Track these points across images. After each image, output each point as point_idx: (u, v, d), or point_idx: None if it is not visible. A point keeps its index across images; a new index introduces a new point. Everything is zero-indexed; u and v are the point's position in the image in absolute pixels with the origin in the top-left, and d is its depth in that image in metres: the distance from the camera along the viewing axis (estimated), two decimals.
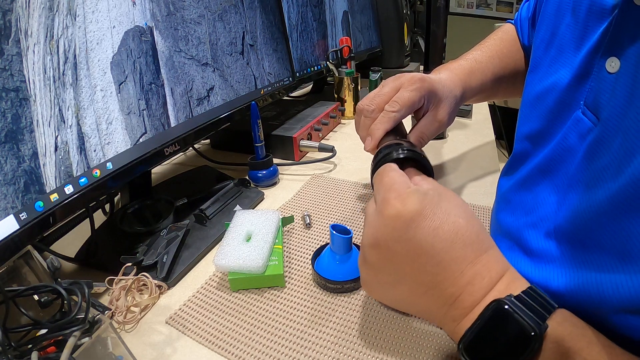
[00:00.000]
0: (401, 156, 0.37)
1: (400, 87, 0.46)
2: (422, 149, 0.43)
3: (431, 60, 0.89)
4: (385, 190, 0.32)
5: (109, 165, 0.46)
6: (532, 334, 0.25)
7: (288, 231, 0.55)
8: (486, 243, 0.30)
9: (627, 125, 0.26)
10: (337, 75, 0.98)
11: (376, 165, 0.38)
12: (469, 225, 0.30)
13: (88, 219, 0.50)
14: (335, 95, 1.01)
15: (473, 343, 0.27)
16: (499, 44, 0.59)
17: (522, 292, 0.27)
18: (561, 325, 0.26)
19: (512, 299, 0.26)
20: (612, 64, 0.30)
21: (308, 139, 0.79)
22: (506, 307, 0.26)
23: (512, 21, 0.61)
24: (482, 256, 0.29)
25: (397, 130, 0.45)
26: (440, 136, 0.85)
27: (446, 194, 0.32)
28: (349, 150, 0.81)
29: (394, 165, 0.35)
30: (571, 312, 0.27)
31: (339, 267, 0.43)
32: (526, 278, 0.30)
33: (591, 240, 0.28)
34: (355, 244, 0.46)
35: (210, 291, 0.45)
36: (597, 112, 0.31)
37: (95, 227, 0.51)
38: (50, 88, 0.39)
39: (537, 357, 0.25)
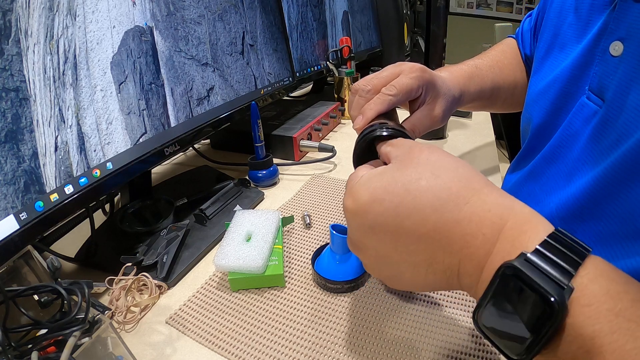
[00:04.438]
0: (384, 134, 0.35)
1: (400, 73, 0.45)
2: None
3: (431, 60, 0.88)
4: (344, 195, 0.31)
5: (109, 165, 0.46)
6: (553, 300, 0.20)
7: (288, 231, 0.55)
8: (463, 192, 0.26)
9: (631, 100, 0.27)
10: (337, 75, 0.98)
11: (357, 144, 0.37)
12: (434, 184, 0.26)
13: (88, 219, 0.50)
14: (335, 95, 1.01)
15: (488, 314, 0.23)
16: (500, 55, 0.60)
17: (539, 245, 0.22)
18: (595, 282, 0.21)
19: (526, 258, 0.22)
20: (616, 48, 0.31)
21: (308, 139, 0.79)
22: (518, 272, 0.21)
23: (514, 36, 0.62)
24: (463, 210, 0.25)
25: (389, 115, 0.45)
26: (440, 136, 0.85)
27: (410, 157, 0.29)
28: (349, 150, 0.81)
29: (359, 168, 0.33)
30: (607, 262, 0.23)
31: (339, 267, 0.43)
32: None
33: (602, 210, 0.29)
34: None
35: (210, 291, 0.45)
36: (602, 94, 0.32)
37: (95, 227, 0.51)
38: (50, 88, 0.39)
39: (564, 325, 0.21)
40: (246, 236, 0.48)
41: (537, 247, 0.22)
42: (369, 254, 0.30)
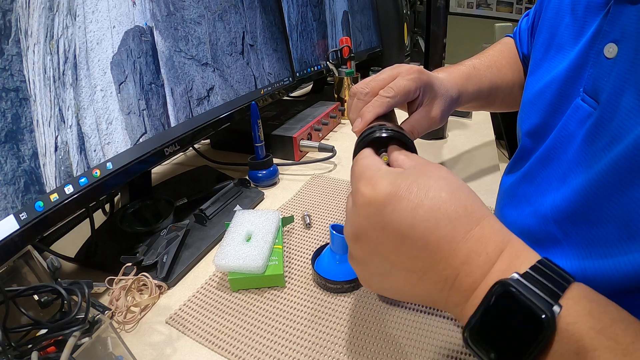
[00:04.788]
0: (384, 135, 0.35)
1: (397, 75, 0.46)
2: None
3: (431, 60, 0.89)
4: (356, 180, 0.30)
5: (109, 165, 0.46)
6: (543, 317, 0.22)
7: (288, 231, 0.55)
8: (477, 214, 0.27)
9: (624, 102, 0.28)
10: (337, 75, 0.98)
11: (357, 146, 0.37)
12: (453, 199, 0.27)
13: (88, 219, 0.50)
14: (335, 95, 1.01)
15: (478, 331, 0.24)
16: (498, 55, 0.60)
17: (530, 268, 0.24)
18: (579, 303, 0.23)
19: (518, 278, 0.24)
20: (610, 50, 0.31)
21: (308, 139, 0.79)
22: (512, 289, 0.23)
23: (512, 35, 0.62)
24: (474, 230, 0.26)
25: (388, 117, 0.45)
26: (440, 136, 0.85)
27: (427, 168, 0.30)
28: (349, 150, 0.81)
29: (366, 152, 0.34)
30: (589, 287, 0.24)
31: (339, 267, 0.43)
32: None
33: (596, 214, 0.29)
34: None
35: (210, 291, 0.45)
36: (597, 96, 0.32)
37: (95, 227, 0.51)
38: (50, 88, 0.39)
39: (552, 341, 0.22)
40: (246, 236, 0.48)
41: (528, 270, 0.24)
42: (367, 248, 0.29)
